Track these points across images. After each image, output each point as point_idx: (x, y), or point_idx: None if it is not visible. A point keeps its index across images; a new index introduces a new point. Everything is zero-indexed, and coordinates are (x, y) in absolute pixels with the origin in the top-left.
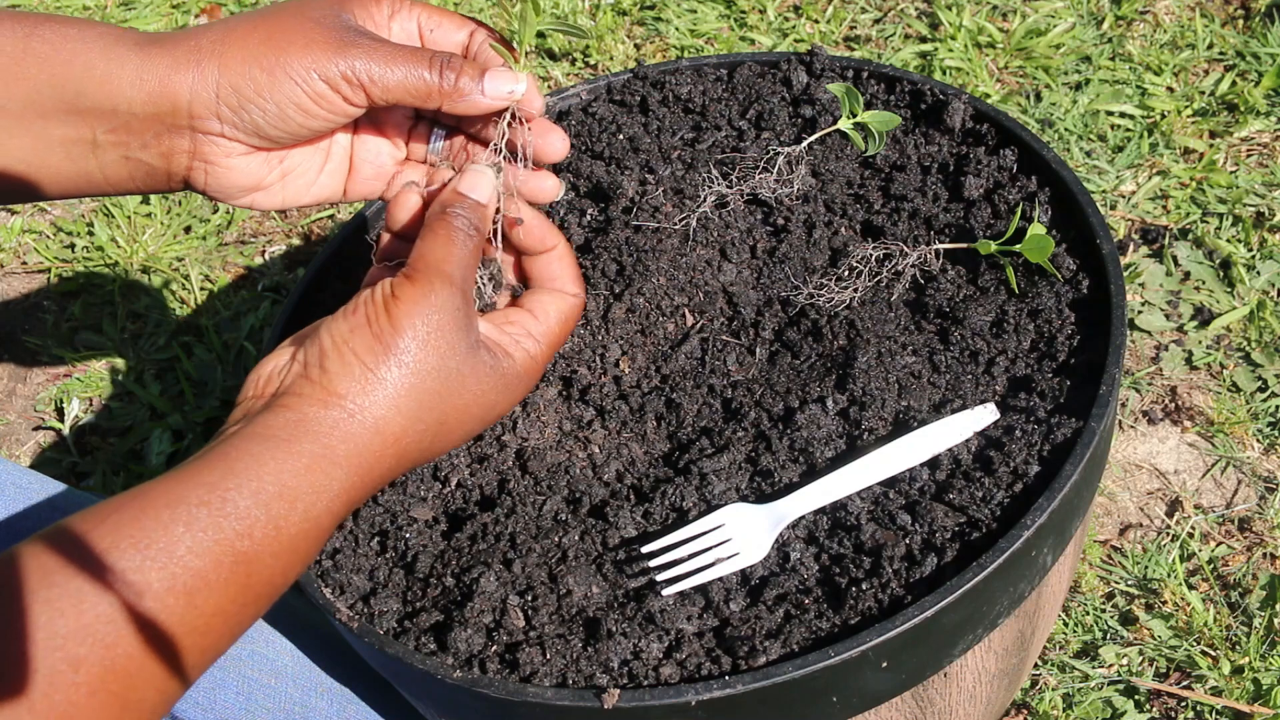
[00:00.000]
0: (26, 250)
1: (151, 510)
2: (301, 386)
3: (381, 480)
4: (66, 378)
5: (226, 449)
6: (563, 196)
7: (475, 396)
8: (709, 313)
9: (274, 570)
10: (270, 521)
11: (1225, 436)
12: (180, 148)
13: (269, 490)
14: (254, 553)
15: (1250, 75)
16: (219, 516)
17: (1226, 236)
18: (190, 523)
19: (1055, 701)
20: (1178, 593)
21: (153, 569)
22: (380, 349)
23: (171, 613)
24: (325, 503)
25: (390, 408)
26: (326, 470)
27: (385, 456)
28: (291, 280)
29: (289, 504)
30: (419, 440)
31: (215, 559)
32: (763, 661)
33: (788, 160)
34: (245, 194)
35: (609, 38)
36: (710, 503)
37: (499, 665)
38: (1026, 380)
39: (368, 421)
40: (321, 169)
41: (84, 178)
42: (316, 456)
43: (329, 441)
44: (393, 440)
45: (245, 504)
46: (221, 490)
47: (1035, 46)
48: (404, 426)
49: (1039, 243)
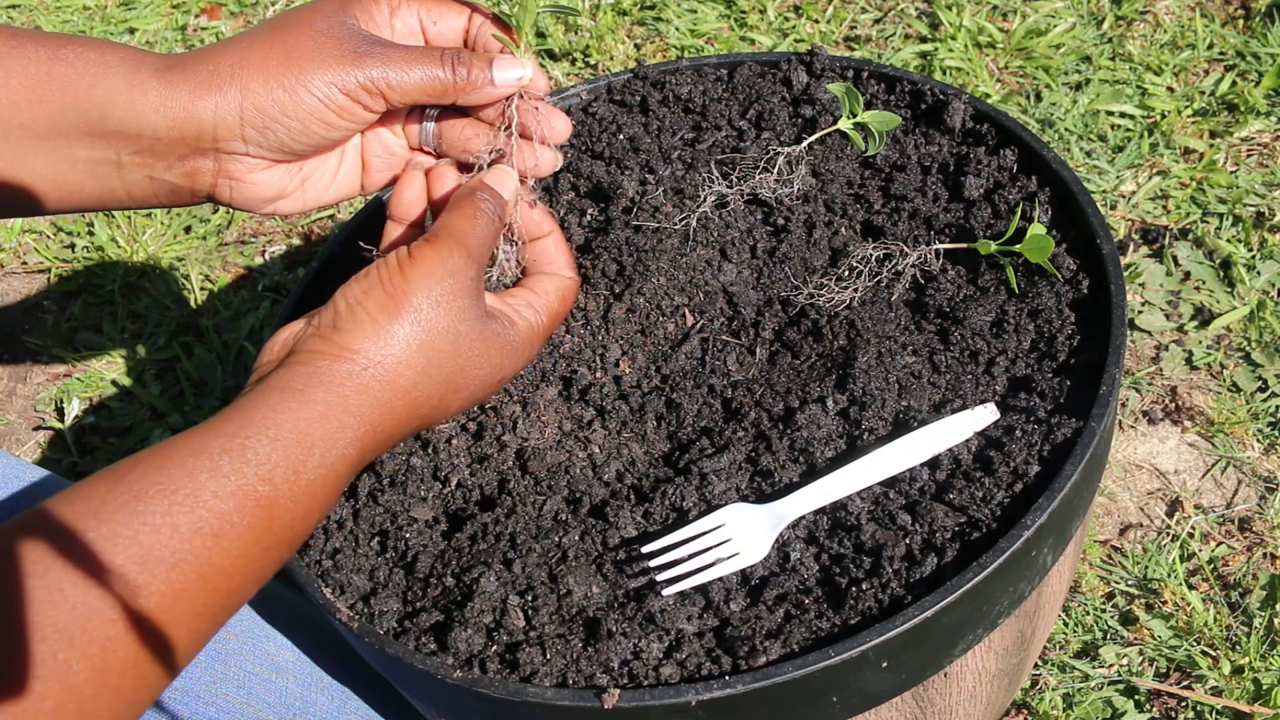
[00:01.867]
0: (26, 250)
1: (176, 459)
2: (315, 344)
3: (393, 433)
4: (66, 378)
5: (244, 402)
6: (563, 197)
7: (482, 358)
8: (709, 313)
9: (294, 515)
10: (289, 466)
11: (1225, 436)
12: (205, 167)
13: (287, 437)
14: (275, 496)
15: (1250, 75)
16: (240, 463)
17: (1226, 236)
18: (214, 469)
19: (1055, 701)
20: (1178, 593)
21: (180, 513)
22: (393, 306)
23: (200, 553)
24: (340, 449)
25: (401, 361)
26: (340, 418)
27: (396, 408)
28: (292, 280)
29: (306, 449)
30: (428, 396)
31: (239, 502)
32: (763, 661)
33: (788, 160)
34: (269, 204)
35: (609, 38)
36: (710, 503)
37: (499, 665)
38: (1026, 380)
39: (380, 373)
40: (338, 170)
41: (108, 194)
42: (331, 405)
43: (343, 391)
44: (403, 393)
45: (265, 450)
46: (242, 438)
47: (1035, 46)
48: (414, 380)
49: (1039, 243)
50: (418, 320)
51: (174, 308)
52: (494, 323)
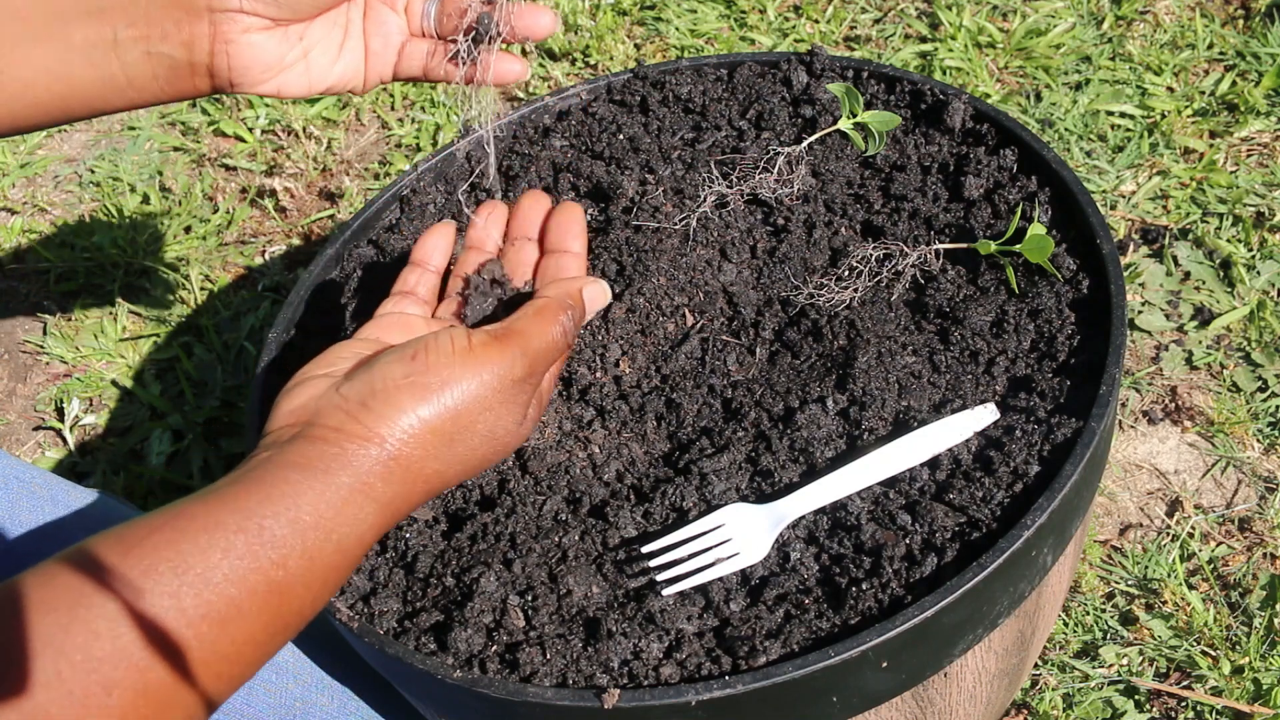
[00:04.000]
0: (26, 250)
1: (190, 534)
2: (341, 420)
3: (409, 510)
4: (66, 378)
5: (262, 475)
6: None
7: (504, 433)
8: (709, 313)
9: (304, 600)
10: (305, 552)
11: (1225, 436)
12: (200, 34)
13: (305, 520)
14: (288, 582)
15: (1250, 75)
16: (255, 544)
17: (1226, 236)
18: (227, 549)
19: (1055, 701)
20: (1178, 593)
21: (189, 595)
22: (436, 403)
23: (205, 639)
24: (358, 534)
25: (432, 457)
26: (362, 504)
27: (416, 493)
28: (291, 280)
29: (324, 535)
30: (448, 481)
31: (250, 587)
32: (763, 661)
33: (788, 160)
34: (270, 77)
35: (609, 38)
36: (710, 503)
37: (499, 665)
38: (1026, 380)
39: (407, 464)
40: (341, 46)
41: (107, 83)
42: (354, 490)
43: (368, 479)
44: (425, 480)
45: (282, 533)
46: (259, 518)
47: (1035, 46)
48: (439, 470)
49: (1039, 243)
50: (459, 420)
51: (174, 308)
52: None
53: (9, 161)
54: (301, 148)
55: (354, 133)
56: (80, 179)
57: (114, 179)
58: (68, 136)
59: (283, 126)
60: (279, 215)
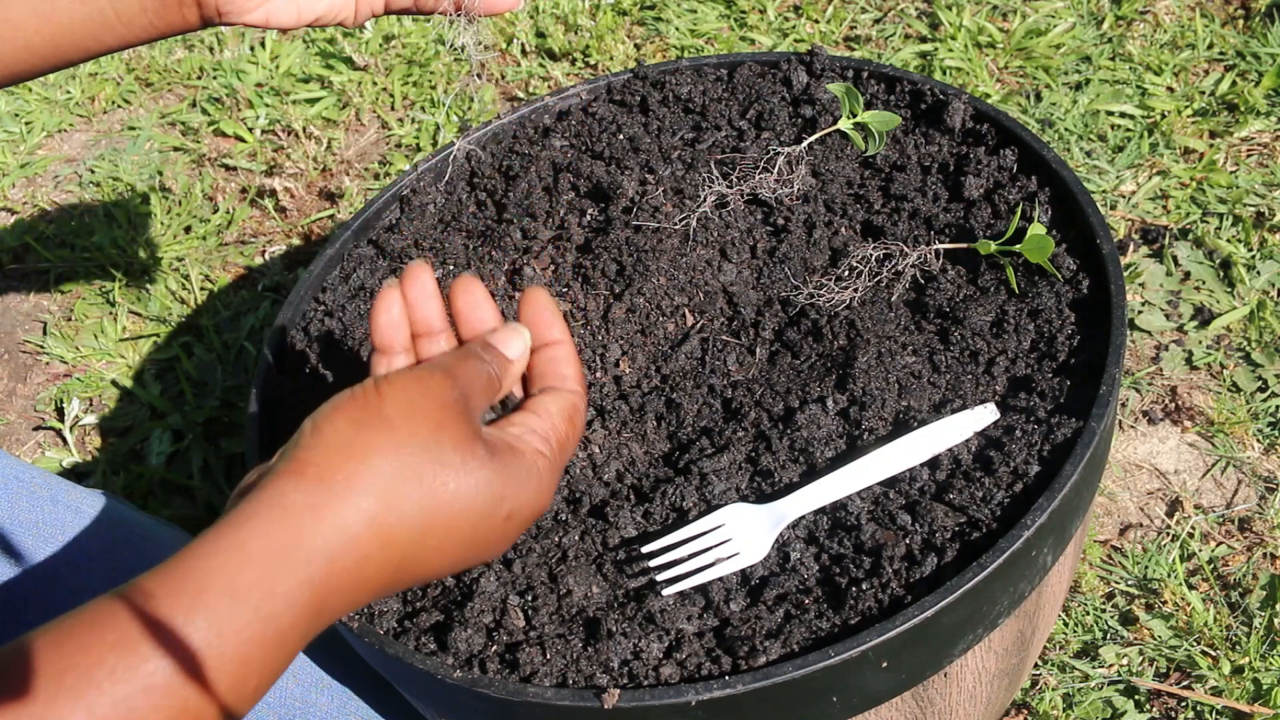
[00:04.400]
0: (27, 250)
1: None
2: (277, 465)
3: (363, 578)
4: (66, 378)
5: (181, 559)
6: (563, 197)
7: (482, 486)
8: (709, 313)
9: (224, 686)
10: (207, 641)
11: (1225, 436)
12: None
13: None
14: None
15: (1250, 75)
16: (138, 660)
17: (1226, 236)
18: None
19: (1055, 701)
20: (1178, 593)
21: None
22: (363, 418)
23: None
24: (284, 594)
25: (369, 478)
26: (287, 550)
27: (363, 540)
28: (291, 280)
29: (241, 604)
30: (409, 529)
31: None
32: (763, 661)
33: (788, 160)
34: (256, 5)
35: (609, 38)
36: (710, 503)
37: (499, 665)
38: (1026, 380)
39: (340, 492)
40: None
41: (97, 21)
42: (275, 524)
43: (296, 518)
44: (370, 520)
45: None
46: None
47: (1035, 46)
48: (384, 503)
49: (1039, 243)
50: (393, 432)
51: (174, 308)
52: (487, 447)
53: (9, 161)
54: (301, 148)
55: (354, 133)
56: (80, 179)
57: (114, 179)
58: (68, 136)
59: (283, 126)
60: (279, 215)
